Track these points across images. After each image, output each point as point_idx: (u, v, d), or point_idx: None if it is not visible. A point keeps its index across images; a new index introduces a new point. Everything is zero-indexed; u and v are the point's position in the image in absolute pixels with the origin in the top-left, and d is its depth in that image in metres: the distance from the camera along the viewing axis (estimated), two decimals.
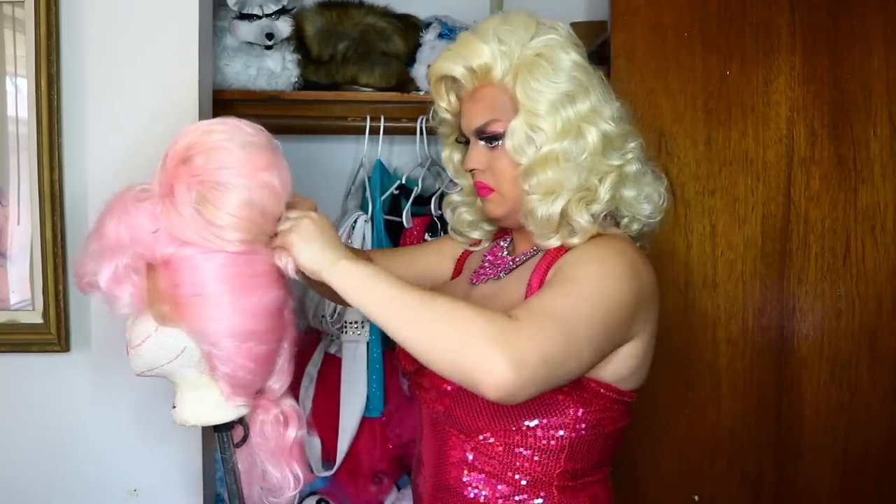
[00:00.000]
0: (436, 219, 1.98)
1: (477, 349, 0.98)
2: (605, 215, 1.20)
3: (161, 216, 1.06)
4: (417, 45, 1.98)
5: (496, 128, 1.19)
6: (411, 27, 2.00)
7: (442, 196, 2.02)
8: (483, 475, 1.18)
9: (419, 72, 1.96)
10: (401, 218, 1.99)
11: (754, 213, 1.85)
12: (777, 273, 1.85)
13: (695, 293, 1.84)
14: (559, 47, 1.18)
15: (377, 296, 1.06)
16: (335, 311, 1.91)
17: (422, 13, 2.04)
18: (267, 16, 1.85)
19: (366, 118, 1.97)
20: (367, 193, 1.99)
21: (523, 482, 1.16)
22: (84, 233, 1.58)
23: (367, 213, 1.96)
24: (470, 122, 1.23)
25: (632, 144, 1.21)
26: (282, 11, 1.86)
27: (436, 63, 1.25)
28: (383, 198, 2.00)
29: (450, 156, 1.35)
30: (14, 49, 1.54)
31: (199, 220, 1.04)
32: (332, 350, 2.00)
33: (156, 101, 1.58)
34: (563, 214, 1.17)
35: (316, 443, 1.94)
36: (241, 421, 1.19)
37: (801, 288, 1.85)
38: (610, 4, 1.85)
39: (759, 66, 1.83)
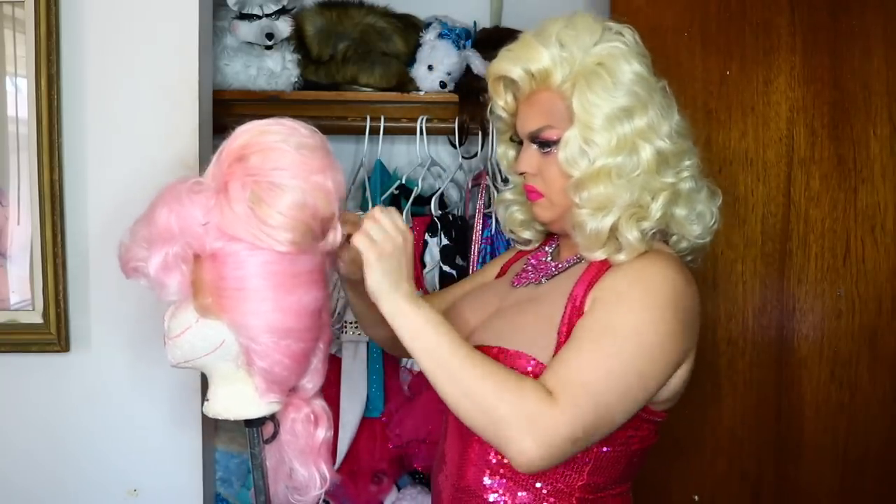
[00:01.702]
0: (436, 219, 1.98)
1: (510, 427, 1.03)
2: (654, 232, 1.18)
3: (213, 210, 1.08)
4: (417, 45, 1.98)
5: (550, 134, 1.18)
6: (411, 27, 2.00)
7: (442, 196, 2.03)
8: (504, 480, 1.17)
9: (419, 72, 1.96)
10: None
11: (754, 213, 1.85)
12: (777, 273, 1.85)
13: None
14: (622, 57, 1.16)
15: (426, 344, 1.09)
16: (335, 311, 1.91)
17: (422, 13, 2.04)
18: (267, 16, 1.85)
19: (366, 118, 1.97)
20: (367, 193, 1.99)
21: (544, 491, 1.15)
22: (84, 233, 1.59)
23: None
24: (524, 126, 1.22)
25: (687, 162, 1.19)
26: (282, 11, 1.86)
27: (494, 62, 1.24)
28: (383, 198, 2.00)
29: (504, 152, 1.33)
30: (14, 49, 1.54)
31: (252, 219, 1.06)
32: (332, 350, 2.00)
33: (156, 101, 1.58)
34: (612, 229, 1.15)
35: None
36: (272, 417, 1.20)
37: (800, 288, 1.85)
38: (610, 4, 1.85)
39: (759, 66, 1.83)
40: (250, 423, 1.19)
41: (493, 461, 1.17)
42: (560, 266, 1.24)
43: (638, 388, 1.08)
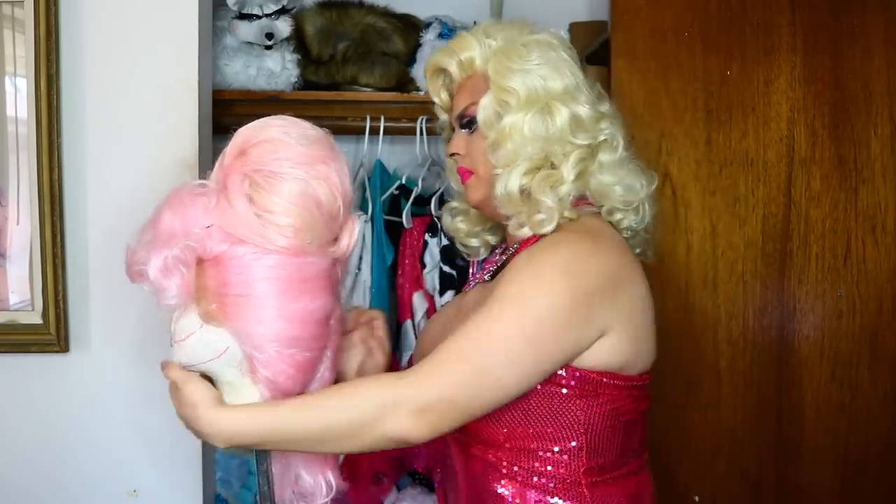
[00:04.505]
0: (436, 219, 1.98)
1: (377, 421, 1.05)
2: (578, 201, 1.19)
3: (214, 211, 1.06)
4: (417, 45, 1.98)
5: (473, 110, 1.21)
6: (411, 27, 2.00)
7: (442, 196, 2.02)
8: (511, 482, 1.16)
9: (419, 72, 1.96)
10: (401, 218, 1.99)
11: (755, 214, 1.85)
12: (778, 273, 1.85)
13: (695, 293, 1.84)
14: (546, 44, 1.21)
15: (269, 439, 1.08)
16: None
17: (422, 13, 2.04)
18: (267, 16, 1.85)
19: (366, 118, 1.97)
20: (367, 194, 1.99)
21: (551, 485, 1.14)
22: (84, 233, 1.59)
23: (366, 214, 1.96)
24: (455, 111, 1.26)
25: (607, 131, 1.20)
26: (282, 11, 1.86)
27: (430, 58, 1.30)
28: (383, 198, 2.00)
29: (452, 167, 1.34)
30: (14, 49, 1.54)
31: (251, 213, 1.04)
32: None
33: (156, 101, 1.58)
34: (530, 196, 1.15)
35: None
36: None
37: (801, 288, 1.85)
38: (610, 4, 1.85)
39: (759, 66, 1.83)
40: None
41: (497, 465, 1.17)
42: (498, 260, 1.25)
43: (529, 353, 1.08)
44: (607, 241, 1.17)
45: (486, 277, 1.25)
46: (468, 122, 1.23)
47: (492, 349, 1.07)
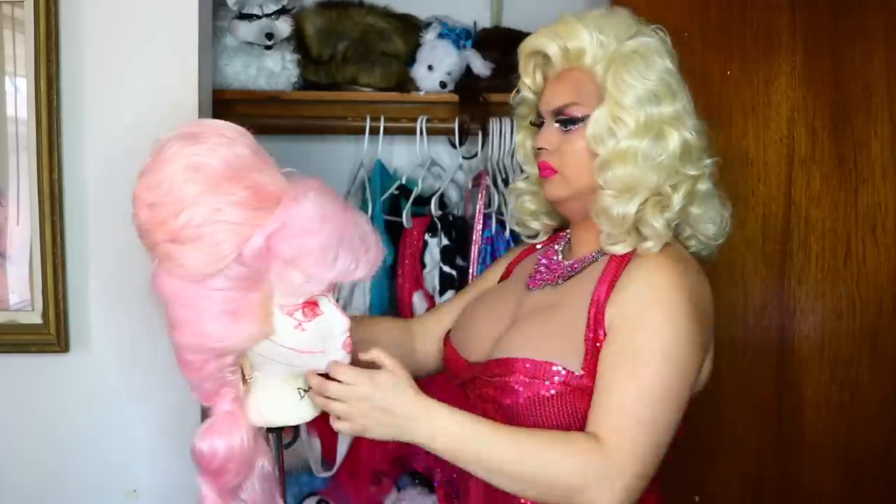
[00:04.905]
0: (436, 219, 1.98)
1: (582, 492, 1.06)
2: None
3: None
4: (417, 45, 1.98)
5: (574, 111, 1.19)
6: (411, 27, 2.00)
7: (442, 196, 2.02)
8: None
9: (419, 72, 1.96)
10: (401, 218, 1.99)
11: (755, 214, 1.85)
12: (778, 273, 1.85)
13: None
14: (655, 51, 1.19)
15: (466, 449, 1.08)
16: None
17: (422, 13, 2.04)
18: (267, 16, 1.84)
19: (366, 118, 1.97)
20: (367, 194, 1.99)
21: None
22: (84, 233, 1.59)
23: (366, 214, 1.96)
24: (550, 102, 1.22)
25: (707, 161, 1.21)
26: (282, 11, 1.86)
27: (531, 37, 1.25)
28: (383, 198, 2.00)
29: (522, 141, 1.33)
30: (13, 49, 1.54)
31: None
32: None
33: (155, 101, 1.58)
34: (637, 217, 1.16)
35: (316, 443, 1.93)
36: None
37: (801, 288, 1.85)
38: (610, 4, 1.85)
39: (759, 67, 1.83)
40: (271, 429, 1.19)
41: None
42: (575, 266, 1.23)
43: (678, 400, 1.12)
44: (697, 267, 1.20)
45: (558, 281, 1.24)
46: (566, 121, 1.20)
47: (665, 412, 1.10)
